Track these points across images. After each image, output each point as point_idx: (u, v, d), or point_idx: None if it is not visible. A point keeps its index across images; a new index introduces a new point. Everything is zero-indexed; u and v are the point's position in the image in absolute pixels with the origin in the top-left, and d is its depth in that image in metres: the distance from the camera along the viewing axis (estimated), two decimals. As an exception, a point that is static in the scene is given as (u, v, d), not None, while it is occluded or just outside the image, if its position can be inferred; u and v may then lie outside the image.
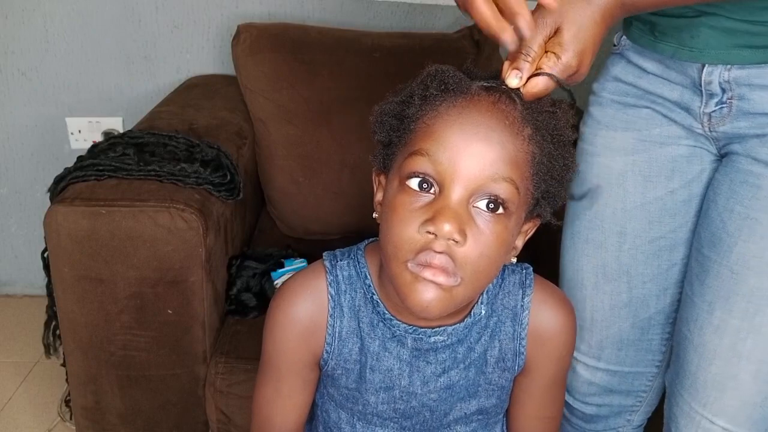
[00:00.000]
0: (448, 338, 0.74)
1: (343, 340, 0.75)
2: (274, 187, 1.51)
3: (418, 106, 0.66)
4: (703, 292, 0.80)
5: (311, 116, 1.47)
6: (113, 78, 1.75)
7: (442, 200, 0.62)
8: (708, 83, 0.77)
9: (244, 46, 1.48)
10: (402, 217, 0.64)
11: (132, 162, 1.12)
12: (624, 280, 0.91)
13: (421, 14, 1.75)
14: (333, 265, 0.76)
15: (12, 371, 1.67)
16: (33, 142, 1.80)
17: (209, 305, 1.14)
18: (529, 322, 0.77)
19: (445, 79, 0.65)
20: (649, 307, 0.92)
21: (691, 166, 0.85)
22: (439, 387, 0.76)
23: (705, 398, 0.80)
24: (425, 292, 0.63)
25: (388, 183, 0.69)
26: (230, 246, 1.26)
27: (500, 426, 0.85)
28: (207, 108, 1.48)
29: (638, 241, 0.89)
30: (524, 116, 0.65)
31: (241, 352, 1.16)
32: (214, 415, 1.17)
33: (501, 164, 0.63)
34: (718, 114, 0.79)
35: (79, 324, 1.10)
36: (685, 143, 0.84)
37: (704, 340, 0.80)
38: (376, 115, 0.71)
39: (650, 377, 0.97)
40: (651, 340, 0.94)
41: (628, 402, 0.99)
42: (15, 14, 1.67)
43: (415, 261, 0.63)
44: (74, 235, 1.04)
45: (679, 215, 0.87)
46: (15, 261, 1.95)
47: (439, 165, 0.62)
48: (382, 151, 0.72)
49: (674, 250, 0.89)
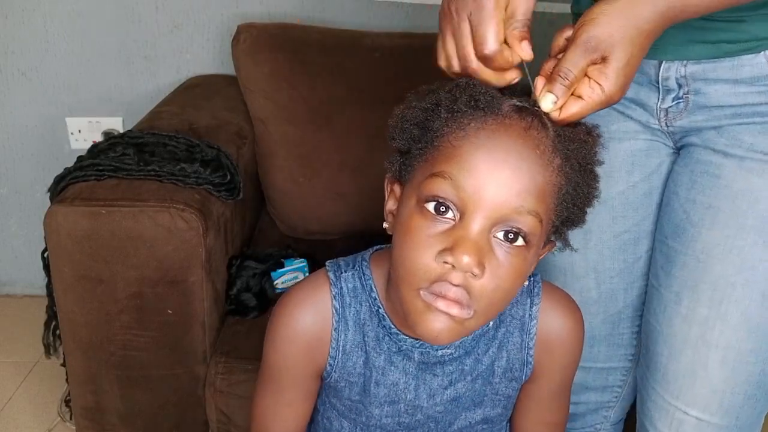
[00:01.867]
0: (455, 351, 0.73)
1: (347, 353, 0.74)
2: (274, 187, 1.51)
3: (444, 120, 0.62)
4: (670, 283, 0.81)
5: (311, 116, 1.47)
6: (113, 78, 1.75)
7: (462, 229, 0.59)
8: (665, 79, 0.78)
9: (244, 46, 1.48)
10: (418, 241, 0.60)
11: (132, 162, 1.12)
12: (592, 276, 0.91)
13: (421, 14, 1.75)
14: (337, 277, 0.73)
15: (12, 371, 1.67)
16: (33, 142, 1.80)
17: (209, 305, 1.14)
18: (537, 331, 0.75)
19: (475, 94, 0.61)
20: (618, 302, 0.93)
21: (650, 159, 0.86)
22: (445, 399, 0.75)
23: (677, 389, 0.81)
24: (436, 321, 0.60)
25: (405, 197, 0.65)
26: (230, 246, 1.26)
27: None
28: (207, 108, 1.48)
29: (603, 236, 0.89)
30: (555, 145, 0.61)
31: (241, 352, 1.16)
32: (214, 415, 1.17)
33: (527, 196, 0.59)
34: (675, 109, 0.79)
35: (79, 324, 1.10)
36: (642, 137, 0.85)
37: (673, 330, 0.81)
38: (397, 120, 0.66)
39: (624, 372, 0.98)
40: (622, 335, 0.95)
41: (603, 398, 1.00)
42: (15, 14, 1.67)
43: (429, 290, 0.60)
44: (74, 235, 1.04)
45: (641, 208, 0.88)
46: (15, 261, 1.94)
47: (463, 192, 0.59)
48: (399, 159, 0.67)
49: (638, 243, 0.89)
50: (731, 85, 0.74)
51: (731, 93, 0.74)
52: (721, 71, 0.74)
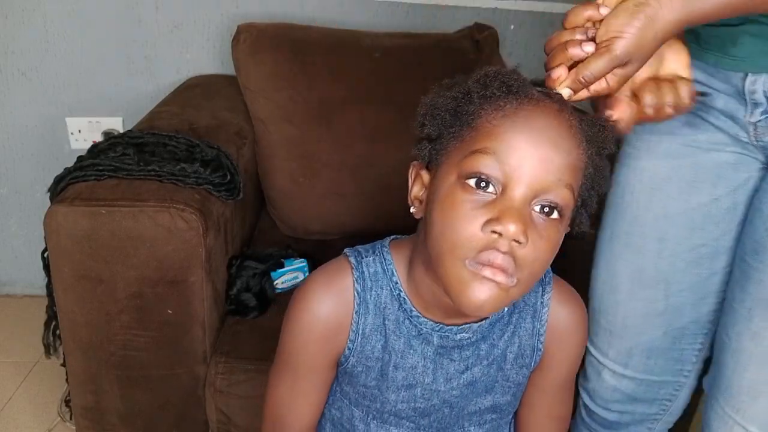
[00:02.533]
0: (473, 335, 0.75)
1: (367, 337, 0.75)
2: (274, 187, 1.51)
3: (478, 104, 0.65)
4: (744, 299, 0.80)
5: (311, 116, 1.47)
6: (113, 78, 1.75)
7: (506, 200, 0.62)
8: (752, 92, 0.76)
9: (244, 46, 1.48)
10: (463, 214, 0.63)
11: (132, 162, 1.12)
12: (661, 287, 0.89)
13: (421, 14, 1.75)
14: (359, 262, 0.75)
15: (12, 371, 1.67)
16: (33, 142, 1.80)
17: (209, 305, 1.14)
18: (547, 319, 0.77)
19: (507, 81, 0.65)
20: (684, 316, 0.90)
21: (737, 173, 0.83)
22: (461, 384, 0.77)
23: (739, 403, 0.80)
24: (482, 291, 0.62)
25: (440, 178, 0.67)
26: (230, 246, 1.26)
27: (508, 428, 0.85)
28: (207, 108, 1.48)
29: (679, 248, 0.87)
30: (582, 127, 0.65)
31: (241, 352, 1.16)
32: (214, 415, 1.17)
33: (565, 170, 0.63)
34: (764, 123, 0.77)
35: (79, 324, 1.10)
36: (731, 150, 0.82)
37: (741, 345, 0.79)
38: (426, 107, 0.69)
39: (677, 387, 0.96)
40: (683, 350, 0.93)
41: (651, 411, 0.98)
42: (15, 14, 1.67)
43: (476, 259, 0.62)
44: (74, 235, 1.04)
45: (723, 223, 0.85)
46: (15, 261, 1.94)
47: (506, 165, 0.62)
48: (428, 145, 0.70)
49: (715, 258, 0.87)
50: None
51: None
52: None
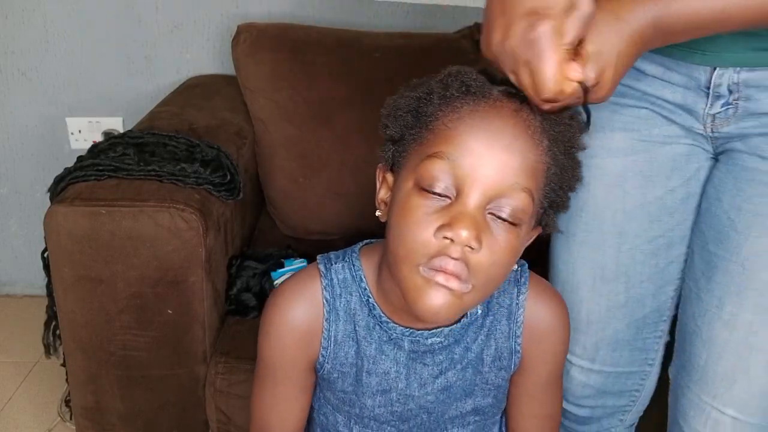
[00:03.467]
0: (444, 339, 0.74)
1: (339, 343, 0.75)
2: (274, 187, 1.51)
3: (437, 105, 0.65)
4: (711, 288, 0.81)
5: (311, 116, 1.47)
6: (113, 78, 1.75)
7: (460, 206, 0.61)
8: (717, 86, 0.77)
9: (244, 46, 1.48)
10: (417, 219, 0.62)
11: (132, 162, 1.12)
12: (622, 280, 0.90)
13: (421, 14, 1.75)
14: (327, 269, 0.75)
15: (12, 371, 1.67)
16: (33, 142, 1.80)
17: (209, 305, 1.14)
18: (524, 320, 0.77)
19: (467, 81, 0.64)
20: (645, 306, 0.92)
21: (690, 164, 0.85)
22: (436, 389, 0.76)
23: (715, 390, 0.81)
24: (436, 297, 0.62)
25: (400, 182, 0.67)
26: (230, 246, 1.26)
27: (497, 427, 0.85)
28: (207, 108, 1.48)
29: (638, 240, 0.89)
30: (543, 127, 0.64)
31: (241, 352, 1.16)
32: (214, 415, 1.17)
33: (521, 174, 0.62)
34: (722, 115, 0.78)
35: (79, 324, 1.10)
36: (683, 142, 0.84)
37: (713, 334, 0.80)
38: (389, 108, 0.69)
39: (643, 376, 0.98)
40: (645, 339, 0.95)
41: (621, 402, 1.00)
42: (15, 14, 1.67)
43: (428, 265, 0.62)
44: (74, 235, 1.04)
45: (677, 213, 0.87)
46: (15, 261, 1.94)
47: (460, 170, 0.61)
48: (392, 147, 0.70)
49: (671, 247, 0.89)
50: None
51: None
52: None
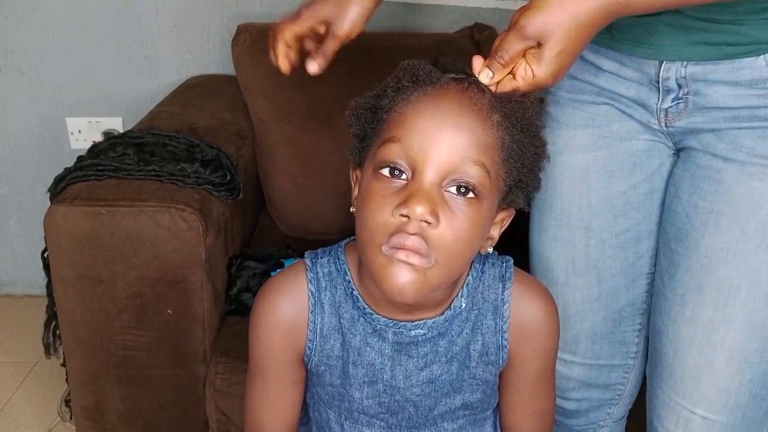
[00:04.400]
0: (428, 331, 0.75)
1: (325, 336, 0.76)
2: (274, 187, 1.51)
3: (391, 97, 0.68)
4: (674, 286, 0.82)
5: (311, 116, 1.47)
6: (113, 78, 1.75)
7: (415, 184, 0.64)
8: (665, 79, 0.78)
9: (244, 46, 1.48)
10: (376, 202, 0.65)
11: (132, 162, 1.12)
12: (593, 274, 0.92)
13: (421, 14, 1.75)
14: (314, 263, 0.78)
15: (12, 371, 1.67)
16: (33, 142, 1.80)
17: (209, 305, 1.14)
18: (510, 315, 0.77)
19: (416, 71, 0.68)
20: (620, 300, 0.93)
21: (651, 159, 0.86)
22: (421, 381, 0.77)
23: (683, 388, 0.82)
24: (399, 274, 0.64)
25: (363, 173, 0.71)
26: (230, 246, 1.26)
27: (491, 423, 0.85)
28: (207, 108, 1.48)
29: (605, 235, 0.90)
30: (492, 104, 0.67)
31: (241, 352, 1.16)
32: (214, 415, 1.17)
33: (471, 148, 0.64)
34: (674, 109, 0.80)
35: (79, 324, 1.10)
36: (643, 138, 0.85)
37: (678, 332, 0.82)
38: (351, 108, 0.74)
39: (626, 369, 0.99)
40: (624, 332, 0.96)
41: (606, 396, 1.01)
42: (15, 14, 1.67)
43: (389, 244, 0.64)
44: (74, 235, 1.04)
45: (643, 208, 0.88)
46: (15, 261, 1.95)
47: (411, 150, 0.64)
48: (358, 145, 0.74)
49: (639, 242, 0.90)
50: (731, 87, 0.74)
51: (730, 95, 0.75)
52: (720, 73, 0.75)
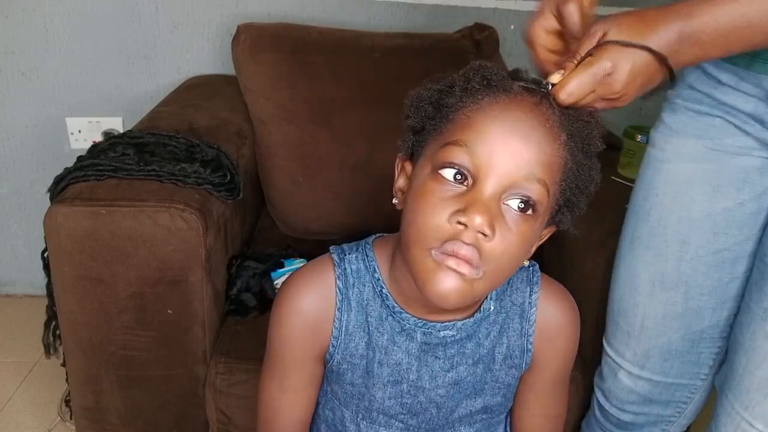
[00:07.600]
0: (457, 333, 0.75)
1: (350, 334, 0.75)
2: (274, 187, 1.51)
3: (459, 97, 0.66)
4: (761, 299, 0.80)
5: (311, 116, 1.47)
6: (113, 78, 1.75)
7: (475, 193, 0.62)
8: None
9: (244, 46, 1.48)
10: (432, 204, 0.63)
11: (132, 162, 1.12)
12: (681, 290, 0.89)
13: (421, 14, 1.75)
14: (341, 259, 0.76)
15: (12, 371, 1.67)
16: (33, 142, 1.80)
17: (209, 305, 1.14)
18: (536, 319, 0.77)
19: (488, 74, 0.65)
20: (703, 320, 0.90)
21: (763, 178, 0.83)
22: (447, 382, 0.76)
23: (748, 401, 0.80)
24: (446, 281, 0.63)
25: (418, 169, 0.68)
26: (230, 246, 1.26)
27: (503, 427, 0.85)
28: (207, 108, 1.48)
29: (701, 251, 0.87)
30: (562, 122, 0.65)
31: (241, 352, 1.16)
32: (214, 415, 1.17)
33: (536, 165, 0.63)
34: None
35: (79, 324, 1.10)
36: (758, 155, 0.82)
37: (755, 344, 0.80)
38: (412, 99, 0.70)
39: (692, 389, 0.96)
40: (700, 353, 0.93)
41: (666, 413, 0.98)
42: (15, 14, 1.67)
43: (440, 249, 0.62)
44: (74, 235, 1.04)
45: (746, 228, 0.85)
46: (15, 261, 1.95)
47: (477, 158, 0.62)
48: (412, 137, 0.71)
49: (737, 262, 0.87)
50: None
51: None
52: None
